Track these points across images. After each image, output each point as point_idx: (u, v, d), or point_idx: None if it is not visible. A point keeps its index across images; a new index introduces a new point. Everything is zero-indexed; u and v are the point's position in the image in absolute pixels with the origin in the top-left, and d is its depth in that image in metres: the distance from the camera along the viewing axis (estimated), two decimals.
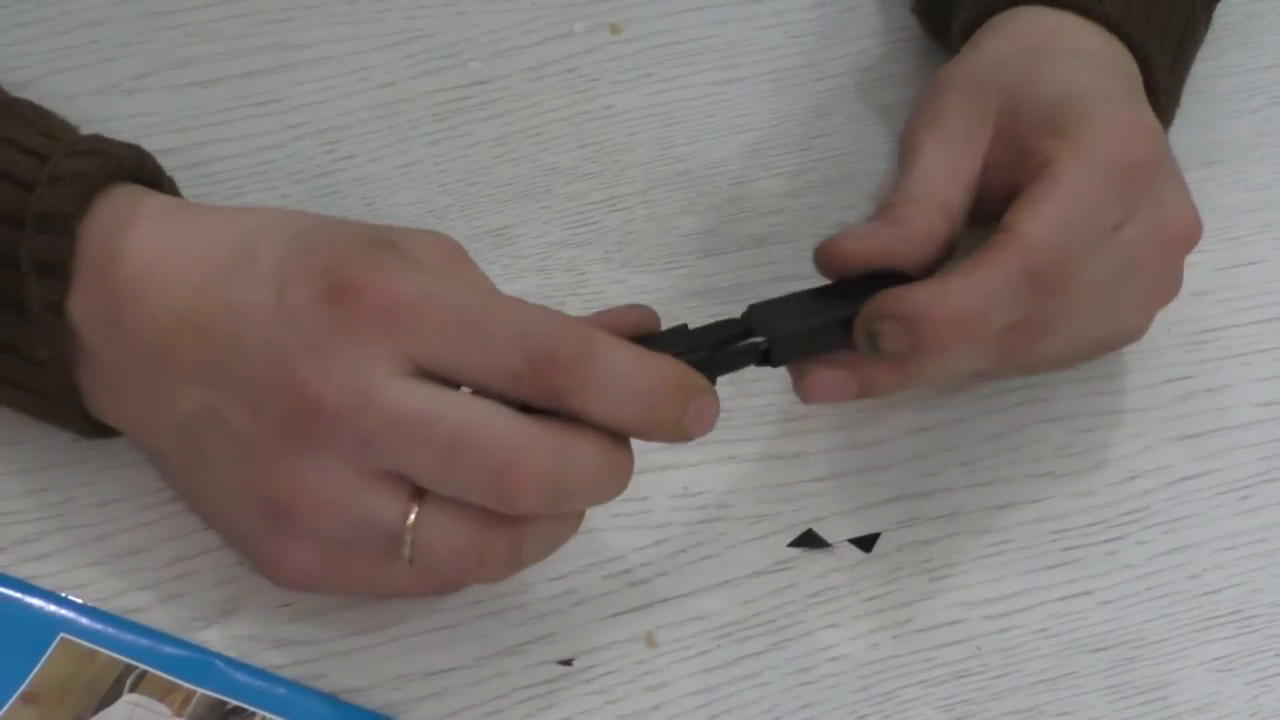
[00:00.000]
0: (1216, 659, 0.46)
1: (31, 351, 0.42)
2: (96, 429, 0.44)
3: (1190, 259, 0.48)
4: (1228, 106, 0.57)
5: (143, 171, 0.44)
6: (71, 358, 0.43)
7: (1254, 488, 0.49)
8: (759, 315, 0.43)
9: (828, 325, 0.43)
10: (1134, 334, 0.49)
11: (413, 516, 0.40)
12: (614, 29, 0.58)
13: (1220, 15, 0.56)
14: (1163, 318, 0.51)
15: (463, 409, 0.39)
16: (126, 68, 0.54)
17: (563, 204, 0.54)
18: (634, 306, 0.42)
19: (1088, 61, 0.48)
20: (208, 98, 0.54)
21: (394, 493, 0.40)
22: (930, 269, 0.44)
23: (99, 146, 0.43)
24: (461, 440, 0.39)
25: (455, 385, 0.40)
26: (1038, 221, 0.43)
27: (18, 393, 0.44)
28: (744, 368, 0.42)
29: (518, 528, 0.40)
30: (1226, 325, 0.52)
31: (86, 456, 0.46)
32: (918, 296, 0.42)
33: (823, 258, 0.44)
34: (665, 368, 0.40)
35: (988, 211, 0.45)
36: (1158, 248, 0.46)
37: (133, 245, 0.42)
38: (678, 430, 0.40)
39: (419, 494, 0.40)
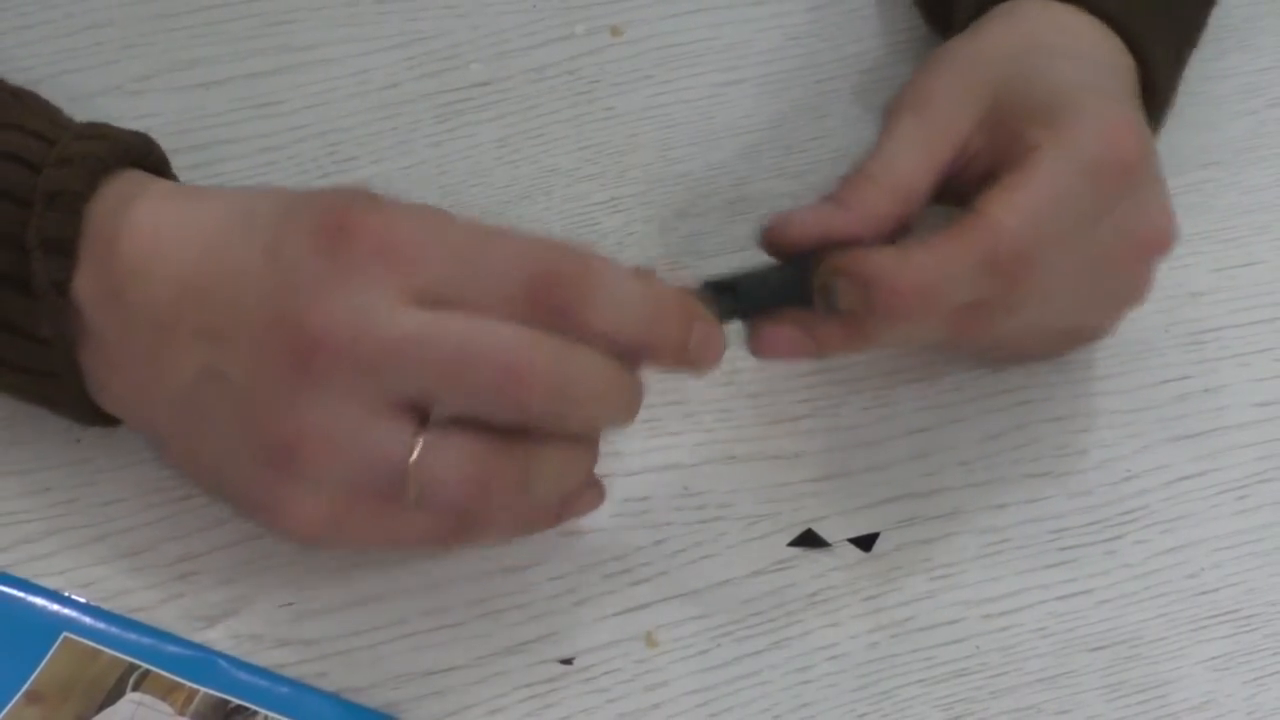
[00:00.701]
0: (1214, 658, 0.46)
1: (35, 329, 0.42)
2: (95, 415, 0.44)
3: (1187, 260, 0.48)
4: (1225, 108, 0.57)
5: (149, 158, 0.44)
6: (75, 337, 0.43)
7: (1251, 487, 0.49)
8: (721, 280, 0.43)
9: (790, 278, 0.43)
10: (1098, 333, 0.49)
11: (418, 449, 0.40)
12: (615, 31, 0.58)
13: (1218, 17, 0.56)
14: (1161, 319, 0.51)
15: (465, 323, 0.39)
16: (130, 69, 0.55)
17: (564, 205, 0.54)
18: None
19: (1086, 61, 0.48)
20: (211, 99, 0.54)
21: (399, 427, 0.40)
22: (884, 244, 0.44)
23: (107, 132, 0.44)
24: (466, 348, 0.39)
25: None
26: (1008, 209, 0.43)
27: (18, 376, 0.44)
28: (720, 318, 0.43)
29: (525, 451, 0.40)
30: (1224, 326, 0.52)
31: (89, 456, 0.46)
32: (879, 261, 0.42)
33: (769, 238, 0.44)
34: (665, 288, 0.41)
35: (962, 193, 0.45)
36: (1131, 251, 0.45)
37: (137, 221, 0.42)
38: (681, 352, 0.41)
39: (423, 428, 0.40)
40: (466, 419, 0.40)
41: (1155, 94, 0.50)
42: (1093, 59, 0.48)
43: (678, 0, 0.59)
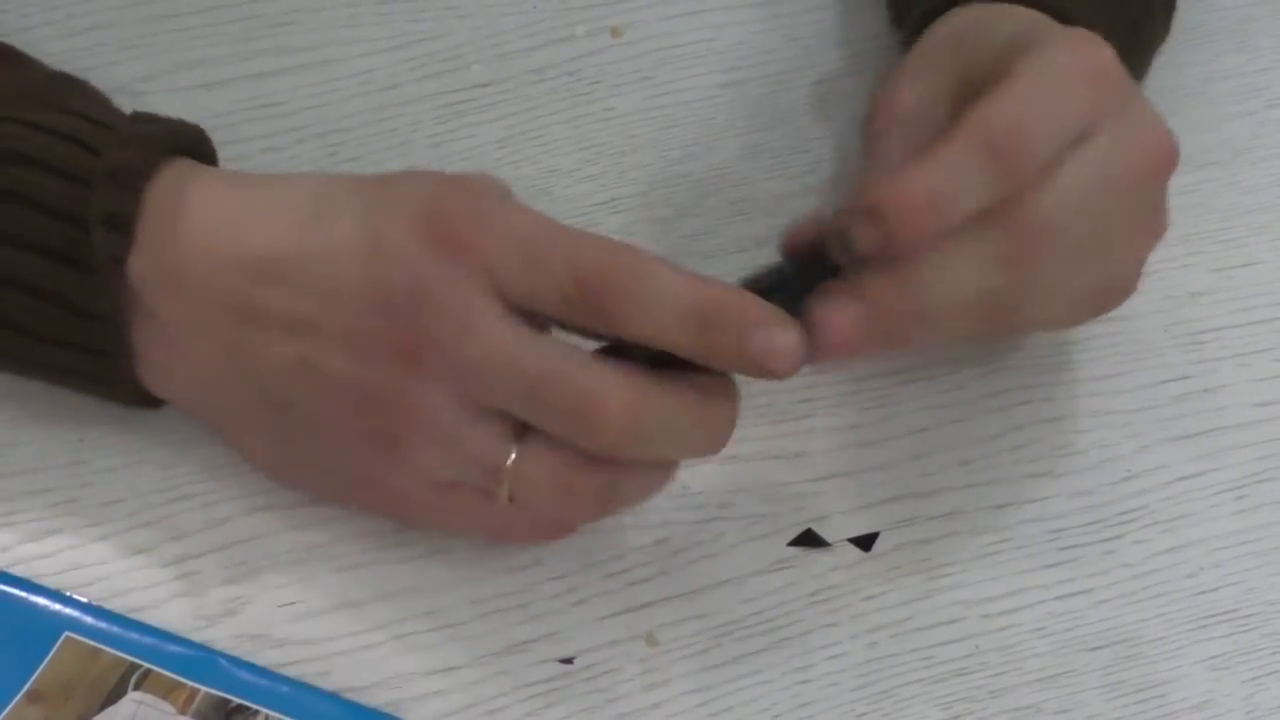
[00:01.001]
0: (1213, 657, 0.46)
1: (91, 305, 0.43)
2: (142, 397, 0.45)
3: (1186, 260, 0.48)
4: (1224, 109, 0.57)
5: (202, 148, 0.45)
6: (129, 316, 0.43)
7: (1250, 487, 0.49)
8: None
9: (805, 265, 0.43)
10: (1128, 282, 0.47)
11: (513, 455, 0.41)
12: (615, 32, 0.58)
13: (1216, 20, 0.56)
14: (1160, 319, 0.51)
15: (549, 352, 0.40)
16: (131, 70, 0.55)
17: (564, 206, 0.54)
18: None
19: (1033, 19, 0.47)
20: (212, 100, 0.54)
21: (499, 431, 0.41)
22: None
23: (161, 119, 0.45)
24: (546, 380, 0.40)
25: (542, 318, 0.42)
26: (989, 103, 0.42)
27: (68, 353, 0.44)
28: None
29: (611, 471, 0.42)
30: (1223, 326, 0.52)
31: (90, 456, 0.46)
32: (878, 187, 0.42)
33: (790, 236, 0.44)
34: (719, 291, 0.41)
35: None
36: (1134, 164, 0.45)
37: (197, 204, 0.43)
38: (742, 358, 0.41)
39: (521, 435, 0.41)
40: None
41: None
42: (1043, 21, 0.48)
43: (678, 1, 0.59)
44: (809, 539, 0.48)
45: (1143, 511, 0.49)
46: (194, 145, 0.45)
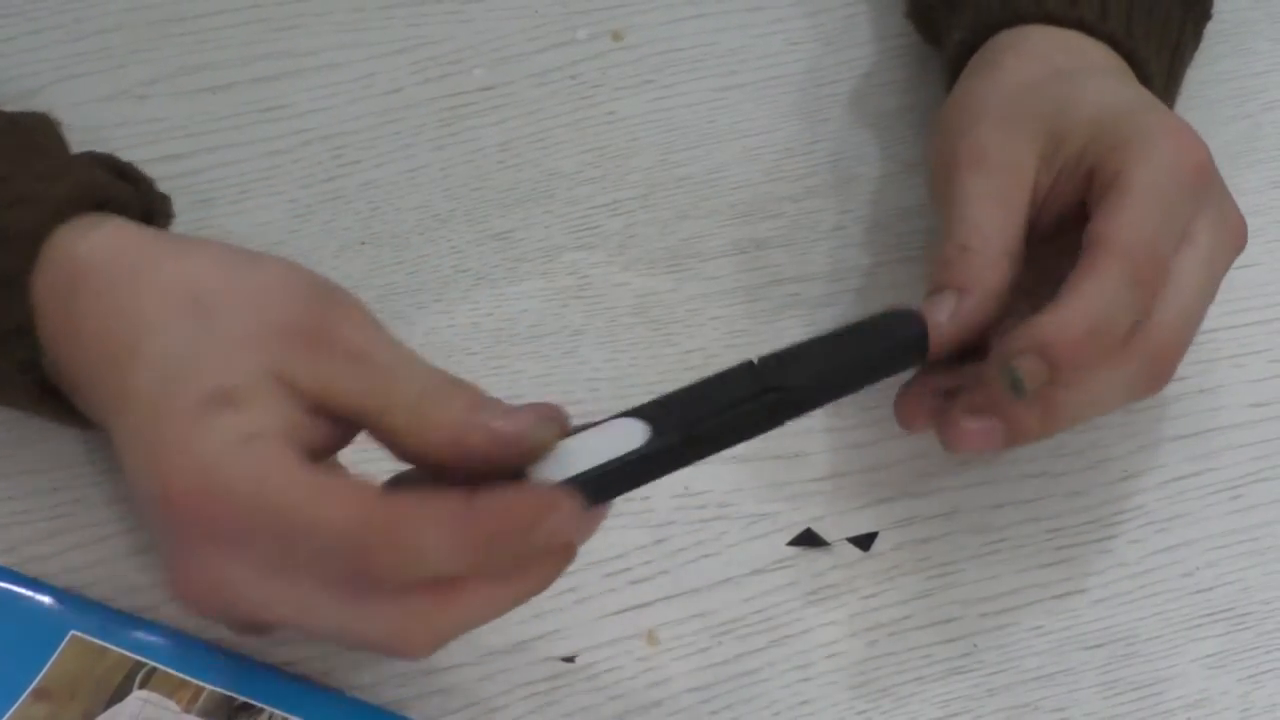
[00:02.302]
0: (1209, 656, 0.46)
1: (18, 402, 0.43)
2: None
3: None
4: (1221, 112, 0.57)
5: (91, 199, 0.43)
6: (60, 401, 0.43)
7: (1246, 487, 0.50)
8: (770, 367, 0.40)
9: (849, 367, 0.42)
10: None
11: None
12: (616, 36, 0.58)
13: (1214, 23, 0.56)
14: None
15: (331, 617, 0.39)
16: (137, 74, 0.55)
17: (565, 208, 0.54)
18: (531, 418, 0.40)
19: (1115, 77, 0.48)
20: (216, 104, 0.55)
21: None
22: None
23: (41, 191, 0.42)
24: (342, 638, 0.40)
25: None
26: (1129, 225, 0.43)
27: (20, 410, 0.45)
28: (758, 432, 0.40)
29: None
30: (1219, 327, 0.52)
31: (95, 457, 0.47)
32: (1043, 325, 0.42)
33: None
34: (486, 522, 0.38)
35: (1042, 236, 0.46)
36: (1225, 250, 0.46)
37: (71, 327, 0.41)
38: (533, 554, 0.39)
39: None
40: None
41: None
42: (1118, 75, 0.49)
43: (678, 6, 0.59)
44: (808, 538, 0.48)
45: (1139, 511, 0.49)
46: (79, 207, 0.43)
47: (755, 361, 0.40)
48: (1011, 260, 0.45)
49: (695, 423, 0.39)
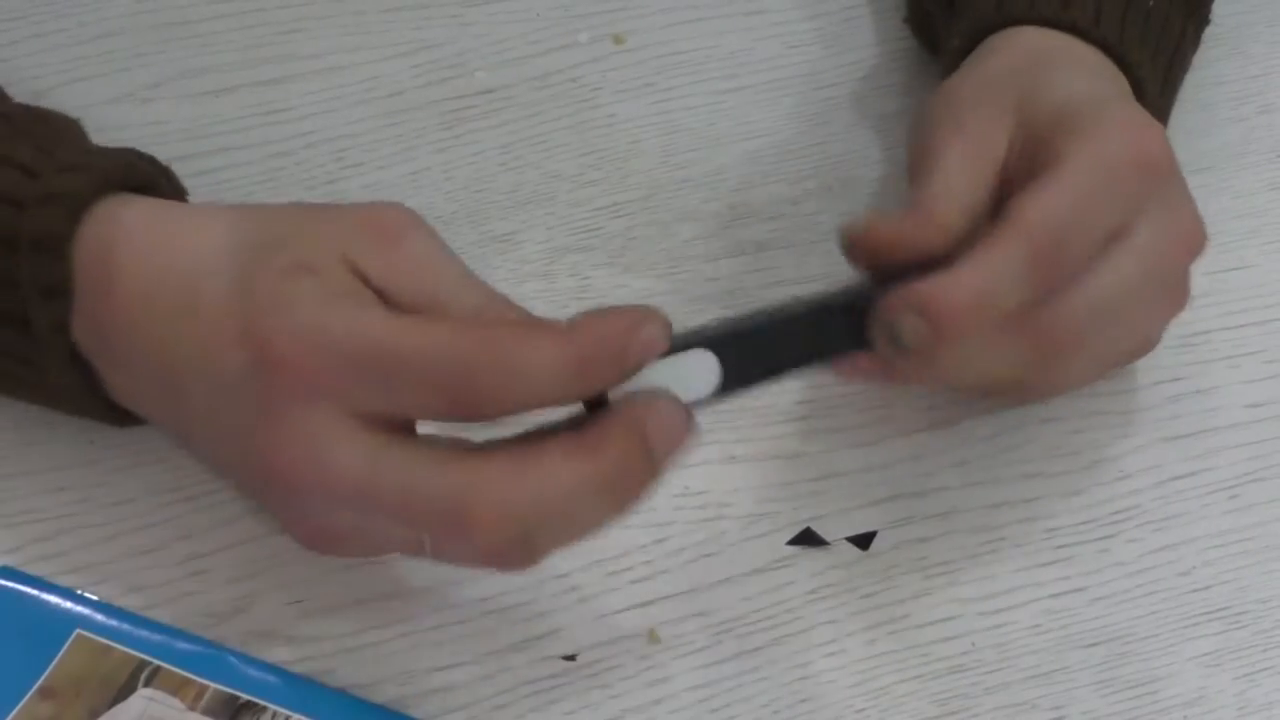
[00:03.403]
0: (1205, 654, 0.46)
1: (44, 371, 0.43)
2: (126, 417, 0.45)
3: None
4: (1217, 115, 0.58)
5: (132, 179, 0.44)
6: (87, 364, 0.43)
7: (1242, 487, 0.50)
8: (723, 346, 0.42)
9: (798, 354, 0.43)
10: (1148, 346, 0.49)
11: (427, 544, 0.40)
12: (617, 39, 0.59)
13: (1211, 26, 0.56)
14: None
15: (403, 470, 0.39)
16: (141, 77, 0.55)
17: (567, 210, 0.54)
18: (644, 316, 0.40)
19: (1092, 73, 0.49)
20: (220, 106, 0.55)
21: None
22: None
23: (90, 161, 0.43)
24: (407, 503, 0.39)
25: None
26: (1034, 206, 0.43)
27: (46, 396, 0.45)
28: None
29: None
30: (1215, 329, 0.52)
31: (101, 457, 0.47)
32: (930, 286, 0.43)
33: (855, 241, 0.44)
34: (584, 337, 0.39)
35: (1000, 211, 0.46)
36: (1169, 252, 0.46)
37: (116, 281, 0.42)
38: (625, 375, 0.39)
39: None
40: None
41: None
42: (1098, 71, 0.49)
43: (679, 9, 0.59)
44: (808, 538, 0.48)
45: (1136, 511, 0.49)
46: (122, 181, 0.43)
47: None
48: (973, 217, 0.45)
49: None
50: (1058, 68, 0.48)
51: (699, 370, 0.41)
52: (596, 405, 0.40)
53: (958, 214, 0.45)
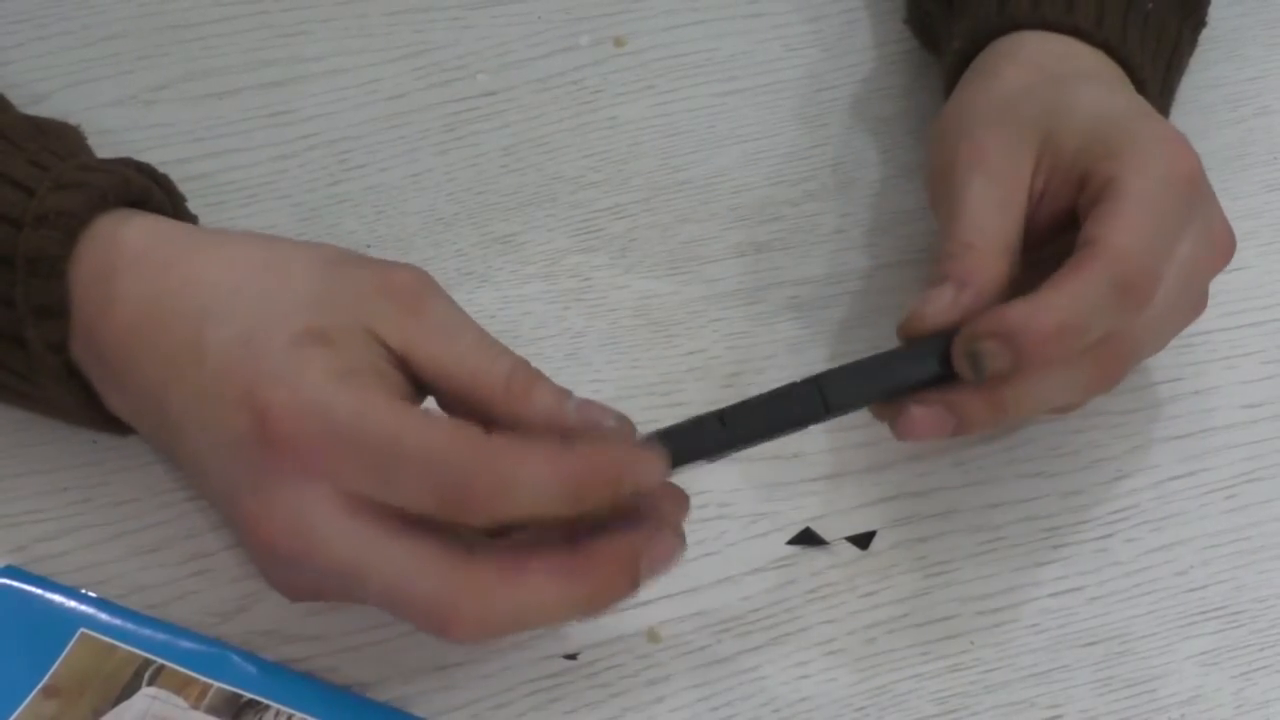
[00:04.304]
0: (1203, 653, 0.47)
1: (42, 384, 0.43)
2: (126, 427, 0.45)
3: None
4: (1214, 117, 0.58)
5: (129, 195, 0.44)
6: (83, 385, 0.43)
7: (1239, 487, 0.50)
8: (827, 382, 0.43)
9: (885, 375, 0.44)
10: (1161, 347, 0.49)
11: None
12: (618, 42, 0.59)
13: (1207, 29, 0.56)
14: None
15: (390, 568, 0.39)
16: (145, 80, 0.55)
17: (568, 212, 0.54)
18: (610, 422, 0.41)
19: (1108, 84, 0.49)
20: (223, 109, 0.55)
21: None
22: None
23: (83, 178, 0.43)
24: (391, 598, 0.39)
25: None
26: (1120, 231, 0.43)
27: (44, 408, 0.45)
28: (803, 423, 0.43)
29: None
30: (1213, 330, 0.52)
31: (105, 457, 0.47)
32: (1016, 313, 0.42)
33: (907, 333, 0.44)
34: (584, 460, 0.39)
35: (1035, 241, 0.46)
36: (1209, 260, 0.46)
37: (114, 305, 0.42)
38: (617, 504, 0.40)
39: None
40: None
41: None
42: (1113, 82, 0.49)
43: (680, 12, 0.59)
44: (808, 537, 0.48)
45: (1134, 510, 0.49)
46: (119, 198, 0.43)
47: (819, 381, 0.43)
48: (1010, 259, 0.45)
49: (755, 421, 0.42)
50: (1076, 84, 0.48)
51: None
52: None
53: (996, 263, 0.44)
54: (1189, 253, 0.45)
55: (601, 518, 0.40)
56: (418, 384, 0.41)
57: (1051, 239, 0.46)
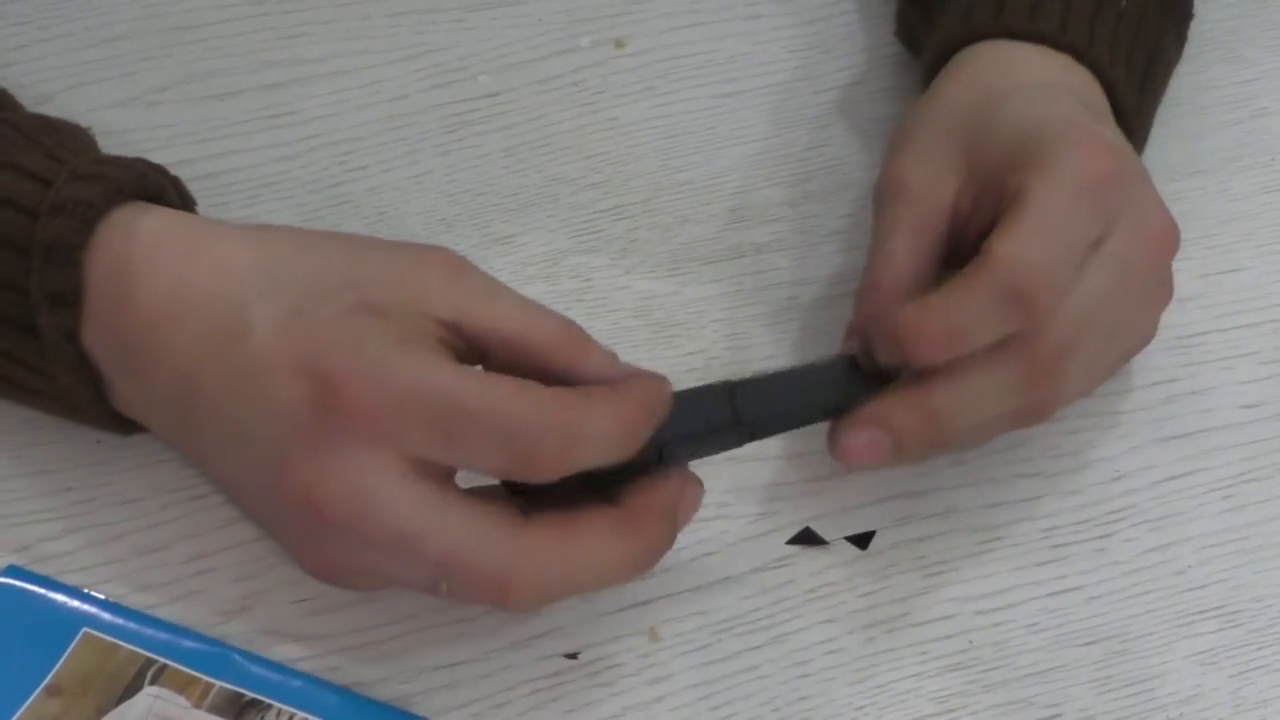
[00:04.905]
0: (1201, 652, 0.47)
1: (52, 376, 0.43)
2: (131, 426, 0.45)
3: (1175, 266, 0.48)
4: (1211, 119, 0.58)
5: (144, 189, 0.44)
6: (95, 372, 0.43)
7: (1236, 487, 0.50)
8: (743, 395, 0.43)
9: (810, 408, 0.45)
10: (1144, 341, 0.49)
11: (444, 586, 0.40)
12: (618, 44, 0.59)
13: (1204, 31, 0.57)
14: None
15: (452, 533, 0.39)
16: (147, 81, 0.55)
17: (569, 213, 0.55)
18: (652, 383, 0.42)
19: (1043, 92, 0.48)
20: (225, 110, 0.55)
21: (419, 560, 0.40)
22: None
23: (100, 170, 0.43)
24: (450, 564, 0.40)
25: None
26: (1010, 241, 0.44)
27: (51, 403, 0.45)
28: (727, 449, 0.44)
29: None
30: (1210, 330, 0.53)
31: (108, 457, 0.47)
32: (903, 315, 0.43)
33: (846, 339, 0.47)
34: (634, 402, 0.40)
35: (968, 255, 0.46)
36: (1143, 256, 0.46)
37: (136, 291, 0.42)
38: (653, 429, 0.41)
39: None
40: None
41: (1125, 117, 0.50)
42: (1051, 89, 0.49)
43: (680, 14, 0.60)
44: (807, 537, 0.48)
45: (1132, 510, 0.49)
46: (135, 191, 0.43)
47: (731, 384, 0.44)
48: (920, 286, 0.46)
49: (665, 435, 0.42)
50: (1006, 96, 0.48)
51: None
52: None
53: (903, 300, 0.45)
54: (1117, 246, 0.45)
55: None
56: (469, 351, 0.41)
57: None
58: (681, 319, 0.53)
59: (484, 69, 0.57)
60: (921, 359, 0.43)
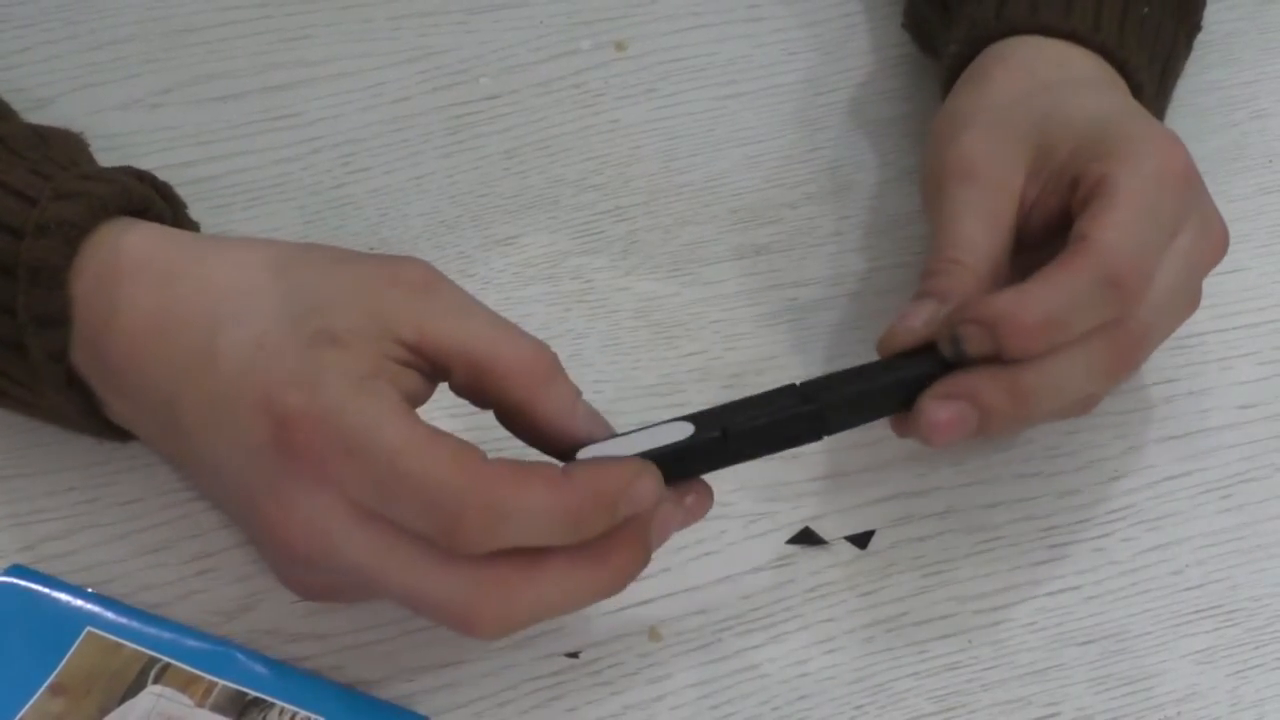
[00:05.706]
0: (1198, 651, 0.47)
1: (43, 391, 0.43)
2: (127, 434, 0.46)
3: None
4: (1209, 121, 0.58)
5: (129, 203, 0.44)
6: (85, 394, 0.44)
7: (1234, 487, 0.50)
8: (811, 383, 0.43)
9: (882, 389, 0.44)
10: (1161, 342, 0.49)
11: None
12: (619, 46, 0.59)
13: (1204, 33, 0.57)
14: None
15: (409, 572, 0.39)
16: (150, 84, 0.56)
17: (570, 214, 0.55)
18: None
19: (1106, 87, 0.49)
20: (228, 112, 0.55)
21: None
22: None
23: (84, 187, 0.43)
24: (410, 597, 0.40)
25: None
26: (1110, 228, 0.43)
27: (46, 416, 0.45)
28: (801, 442, 0.43)
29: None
30: (1208, 331, 0.53)
31: (111, 457, 0.47)
32: (999, 302, 0.43)
33: (886, 347, 0.45)
34: (580, 489, 0.39)
35: (1029, 245, 0.46)
36: (1206, 257, 0.46)
37: (119, 313, 0.42)
38: (614, 525, 0.40)
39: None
40: None
41: None
42: (1107, 85, 0.49)
43: (680, 16, 0.60)
44: (807, 537, 0.48)
45: (1130, 510, 0.49)
46: (121, 207, 0.43)
47: (798, 384, 0.43)
48: (996, 271, 0.45)
49: (736, 423, 0.42)
50: (1069, 89, 0.48)
51: (670, 431, 0.42)
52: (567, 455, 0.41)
53: (978, 278, 0.45)
54: (1187, 246, 0.45)
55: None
56: (433, 370, 0.41)
57: (1045, 241, 0.46)
58: (682, 320, 0.53)
59: (485, 71, 0.58)
60: (1019, 351, 0.43)
